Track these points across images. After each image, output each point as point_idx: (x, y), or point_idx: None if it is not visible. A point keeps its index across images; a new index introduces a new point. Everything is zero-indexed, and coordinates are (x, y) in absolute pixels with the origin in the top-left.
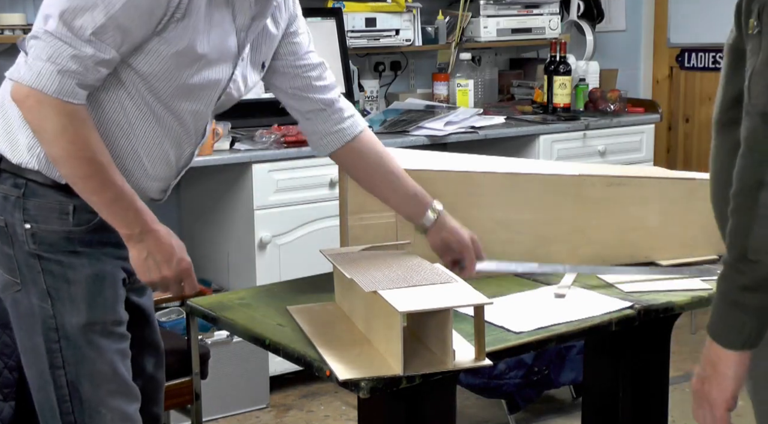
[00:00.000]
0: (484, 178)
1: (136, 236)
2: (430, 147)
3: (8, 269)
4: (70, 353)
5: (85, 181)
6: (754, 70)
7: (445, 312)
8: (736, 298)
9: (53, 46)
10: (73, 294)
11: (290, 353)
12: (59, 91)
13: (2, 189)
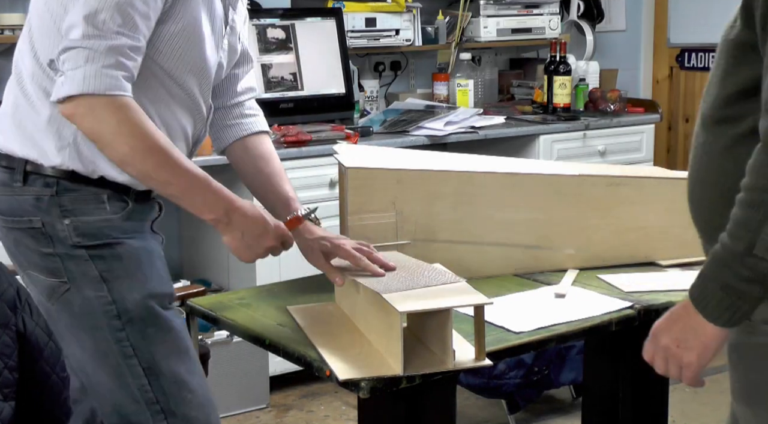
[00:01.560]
0: (484, 178)
1: (224, 219)
2: (430, 147)
3: (50, 271)
4: (138, 336)
5: (157, 172)
6: None
7: (445, 312)
8: (737, 286)
9: (87, 46)
10: (129, 269)
11: (290, 353)
12: (107, 87)
13: (32, 191)
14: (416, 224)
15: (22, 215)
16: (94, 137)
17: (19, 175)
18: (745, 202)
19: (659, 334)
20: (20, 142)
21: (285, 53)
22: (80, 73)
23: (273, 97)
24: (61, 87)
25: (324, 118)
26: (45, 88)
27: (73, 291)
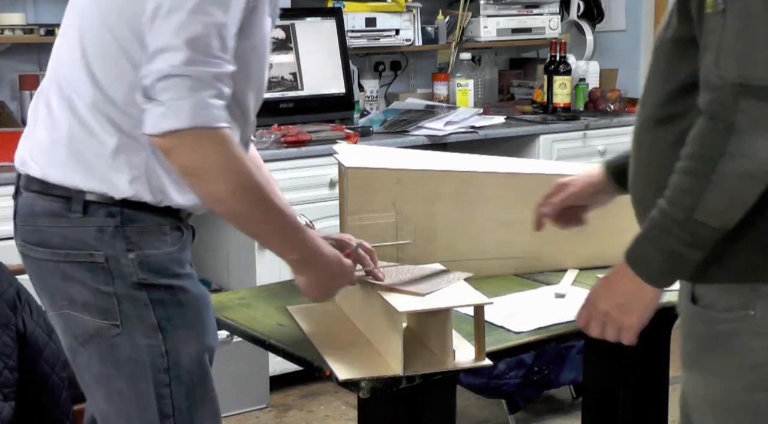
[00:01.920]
0: (484, 178)
1: (307, 263)
2: (430, 147)
3: (101, 312)
4: (182, 396)
5: (252, 211)
6: (722, 45)
7: (445, 312)
8: (679, 251)
9: (191, 74)
10: (188, 320)
11: (290, 353)
12: (213, 119)
13: (94, 222)
14: (416, 224)
15: (80, 248)
16: (191, 172)
17: (79, 205)
18: (685, 170)
19: (597, 301)
20: (82, 176)
21: (285, 53)
22: (186, 104)
23: (273, 97)
24: (162, 119)
25: (324, 118)
26: (110, 117)
27: (123, 336)
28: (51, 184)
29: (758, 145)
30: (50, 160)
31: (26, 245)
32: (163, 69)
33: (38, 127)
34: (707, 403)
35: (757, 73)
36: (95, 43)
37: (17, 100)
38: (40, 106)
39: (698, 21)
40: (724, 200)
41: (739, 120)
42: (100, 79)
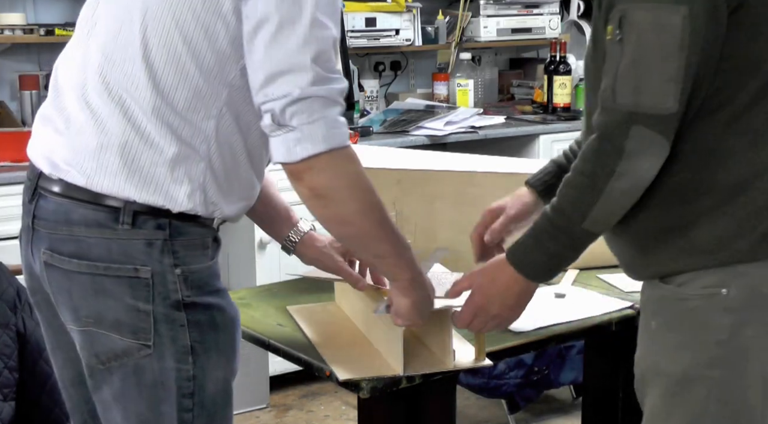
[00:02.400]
0: (484, 178)
1: (416, 283)
2: (430, 147)
3: (134, 331)
4: (203, 422)
5: (376, 229)
6: (618, 73)
7: (445, 312)
8: (562, 254)
9: (322, 94)
10: (220, 343)
11: (290, 353)
12: (344, 138)
13: (143, 235)
14: (416, 224)
15: (124, 262)
16: (321, 194)
17: (128, 217)
18: (575, 184)
19: (488, 306)
20: (137, 187)
21: None
22: (319, 126)
23: None
24: (297, 145)
25: None
26: (170, 124)
27: (153, 358)
28: (96, 193)
29: (644, 166)
30: (98, 168)
31: (54, 255)
32: (293, 92)
33: (74, 129)
34: (665, 375)
35: (647, 102)
36: (163, 43)
37: (17, 100)
38: (73, 105)
39: (602, 46)
40: (609, 213)
41: (628, 144)
42: (164, 82)
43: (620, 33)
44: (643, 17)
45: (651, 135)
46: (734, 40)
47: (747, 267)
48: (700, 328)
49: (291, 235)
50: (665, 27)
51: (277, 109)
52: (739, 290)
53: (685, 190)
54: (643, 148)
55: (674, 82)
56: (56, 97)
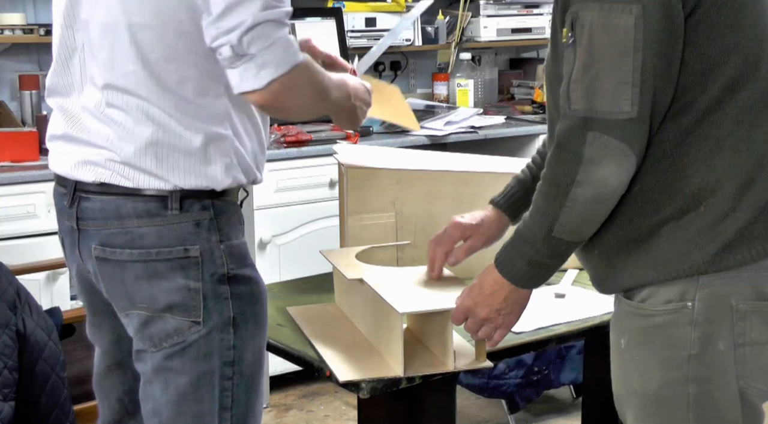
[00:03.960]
0: (483, 178)
1: (351, 103)
2: (430, 147)
3: (186, 310)
4: (242, 389)
5: (323, 107)
6: (572, 78)
7: (445, 313)
8: (541, 261)
9: (272, 18)
10: (257, 314)
11: (290, 353)
12: (299, 54)
13: (191, 217)
14: (416, 224)
15: (175, 245)
16: (297, 107)
17: (176, 202)
18: (543, 192)
19: (476, 309)
20: (179, 177)
21: None
22: (277, 49)
23: None
24: (262, 71)
25: (324, 118)
26: (189, 114)
27: (201, 333)
28: (144, 188)
29: (605, 174)
30: (139, 170)
31: (106, 249)
32: (245, 21)
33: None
34: (639, 396)
35: (600, 107)
36: (157, 47)
37: (17, 100)
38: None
39: (560, 49)
40: (578, 221)
41: (585, 151)
42: (168, 82)
43: (573, 35)
44: (594, 18)
45: (608, 141)
46: (691, 43)
47: (709, 278)
48: (670, 345)
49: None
50: (617, 28)
51: (234, 39)
52: (703, 302)
53: (648, 199)
54: (602, 155)
55: (629, 85)
56: (69, 120)
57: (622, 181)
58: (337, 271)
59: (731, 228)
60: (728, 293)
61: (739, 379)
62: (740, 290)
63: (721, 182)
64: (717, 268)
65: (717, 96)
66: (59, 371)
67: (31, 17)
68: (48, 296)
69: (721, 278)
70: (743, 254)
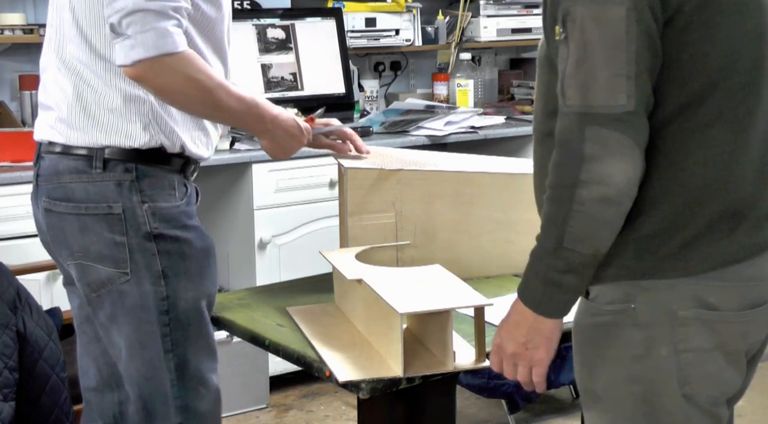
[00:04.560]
0: (483, 179)
1: (267, 127)
2: (430, 147)
3: (114, 261)
4: (180, 334)
5: (221, 103)
6: (565, 74)
7: (445, 313)
8: (555, 279)
9: (153, 8)
10: (189, 269)
11: (290, 353)
12: (175, 45)
13: (113, 177)
14: (416, 224)
15: (100, 201)
16: (166, 91)
17: (99, 162)
18: (549, 199)
19: (504, 343)
20: (101, 133)
21: (285, 53)
22: (150, 35)
23: (273, 97)
24: (131, 50)
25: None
26: (112, 75)
27: (131, 283)
28: (73, 146)
29: (609, 171)
30: (70, 126)
31: (50, 201)
32: (127, 6)
33: (53, 101)
34: (592, 393)
35: (596, 101)
36: (87, 14)
37: (17, 100)
38: (51, 86)
39: (552, 43)
40: (588, 226)
41: (586, 148)
42: (97, 46)
43: (565, 31)
44: (585, 13)
45: (608, 135)
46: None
47: (651, 282)
48: (615, 344)
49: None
50: (609, 20)
51: (115, 20)
52: (646, 305)
53: None
54: (603, 150)
55: (624, 78)
56: (42, 87)
57: (630, 178)
58: (336, 271)
59: (670, 242)
60: (669, 299)
61: (683, 385)
62: (680, 296)
63: (668, 196)
64: (655, 276)
65: (674, 110)
66: (59, 371)
67: (31, 17)
68: (48, 296)
69: (662, 284)
70: (680, 268)
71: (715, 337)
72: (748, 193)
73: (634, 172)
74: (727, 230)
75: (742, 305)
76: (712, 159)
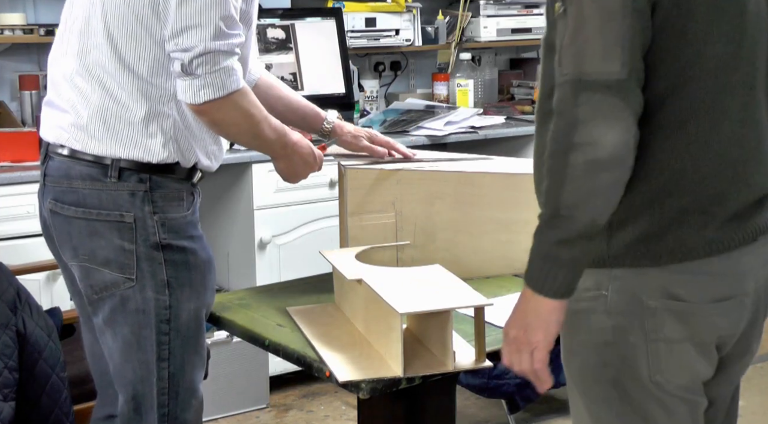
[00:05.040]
0: (483, 178)
1: (285, 152)
2: (430, 147)
3: (121, 267)
4: (178, 344)
5: (260, 137)
6: (563, 44)
7: (445, 313)
8: (551, 251)
9: (222, 49)
10: (192, 280)
11: (290, 353)
12: (238, 83)
13: (127, 187)
14: (416, 225)
15: (112, 209)
16: (222, 124)
17: (115, 171)
18: (547, 170)
19: (507, 329)
20: (120, 145)
21: (285, 53)
22: (218, 76)
23: None
24: (200, 90)
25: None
26: (139, 89)
27: (135, 289)
28: (89, 154)
29: (600, 132)
30: (89, 134)
31: (57, 204)
32: (197, 47)
33: (69, 105)
34: (570, 377)
35: (590, 68)
36: (120, 25)
37: (17, 100)
38: (67, 90)
39: (552, 25)
40: (581, 191)
41: (580, 113)
42: (127, 58)
43: (563, 6)
44: None
45: (601, 99)
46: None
47: (621, 271)
48: (588, 329)
49: (324, 125)
50: None
51: (185, 59)
52: (616, 294)
53: None
54: (596, 113)
55: (619, 47)
56: (54, 87)
57: (620, 141)
58: (336, 271)
59: (638, 230)
60: (638, 288)
61: (653, 373)
62: (649, 286)
63: (638, 185)
64: (623, 264)
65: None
66: (59, 371)
67: (31, 17)
68: (48, 296)
69: (631, 272)
70: (649, 258)
71: (685, 328)
72: (719, 190)
73: (626, 134)
74: (695, 224)
75: (713, 299)
76: (682, 153)
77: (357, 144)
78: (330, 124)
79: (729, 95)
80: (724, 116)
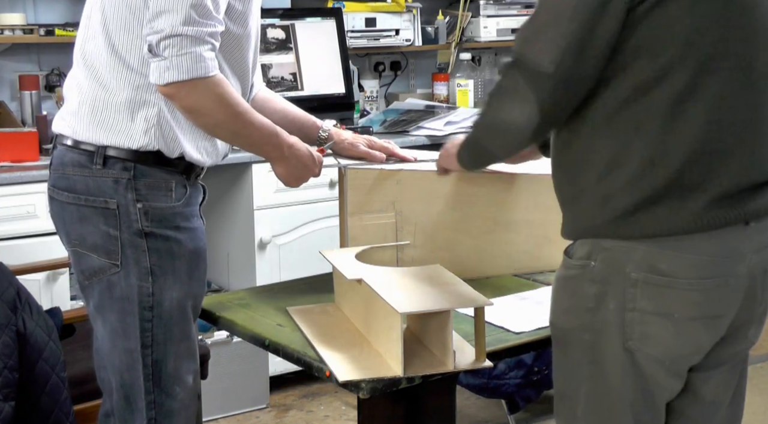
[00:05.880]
0: (484, 179)
1: (283, 154)
2: (430, 147)
3: (107, 252)
4: (161, 331)
5: (243, 129)
6: (521, 26)
7: (445, 313)
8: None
9: (190, 34)
10: (177, 269)
11: (290, 353)
12: (208, 70)
13: (112, 174)
14: (416, 225)
15: (98, 195)
16: (193, 111)
17: (100, 158)
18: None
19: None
20: (105, 131)
21: (285, 53)
22: (185, 60)
23: None
24: (166, 71)
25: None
26: (126, 77)
27: (120, 275)
28: (79, 141)
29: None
30: (78, 121)
31: (54, 190)
32: (165, 29)
33: (69, 94)
34: (555, 336)
35: (529, 55)
36: (115, 16)
37: (17, 100)
38: (70, 78)
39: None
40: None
41: (504, 82)
42: (119, 47)
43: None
44: None
45: (522, 84)
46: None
47: (610, 243)
48: (575, 295)
49: (321, 134)
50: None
51: (153, 41)
52: (602, 263)
53: (578, 164)
54: (510, 90)
55: (556, 46)
56: (67, 79)
57: (515, 120)
58: (336, 271)
59: (628, 200)
60: (624, 260)
61: (626, 339)
62: (634, 259)
63: (630, 157)
64: (614, 235)
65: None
66: (59, 371)
67: (31, 17)
68: (48, 296)
69: (620, 244)
70: (635, 231)
71: (662, 302)
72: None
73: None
74: (683, 200)
75: (695, 276)
76: (673, 131)
77: (355, 150)
78: (326, 132)
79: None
80: (714, 98)
